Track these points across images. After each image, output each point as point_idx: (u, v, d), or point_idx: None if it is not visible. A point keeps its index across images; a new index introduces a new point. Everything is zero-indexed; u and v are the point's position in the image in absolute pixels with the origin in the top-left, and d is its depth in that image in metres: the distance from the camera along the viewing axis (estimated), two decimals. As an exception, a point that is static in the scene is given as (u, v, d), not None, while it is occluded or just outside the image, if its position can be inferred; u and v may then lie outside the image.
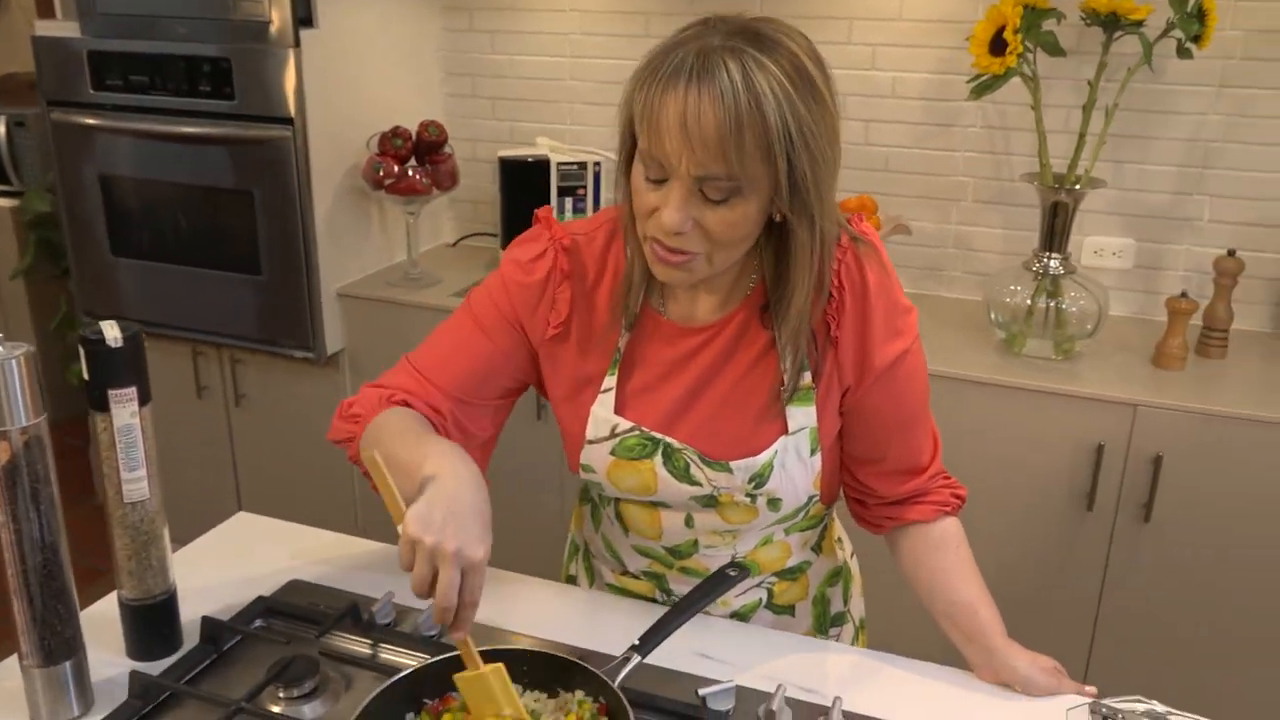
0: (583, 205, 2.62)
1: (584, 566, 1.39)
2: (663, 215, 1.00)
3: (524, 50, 2.76)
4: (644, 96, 0.98)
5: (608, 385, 1.18)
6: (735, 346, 1.15)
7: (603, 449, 1.18)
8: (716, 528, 1.21)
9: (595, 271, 1.18)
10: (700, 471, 1.16)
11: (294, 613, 1.23)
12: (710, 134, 0.94)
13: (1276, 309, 2.33)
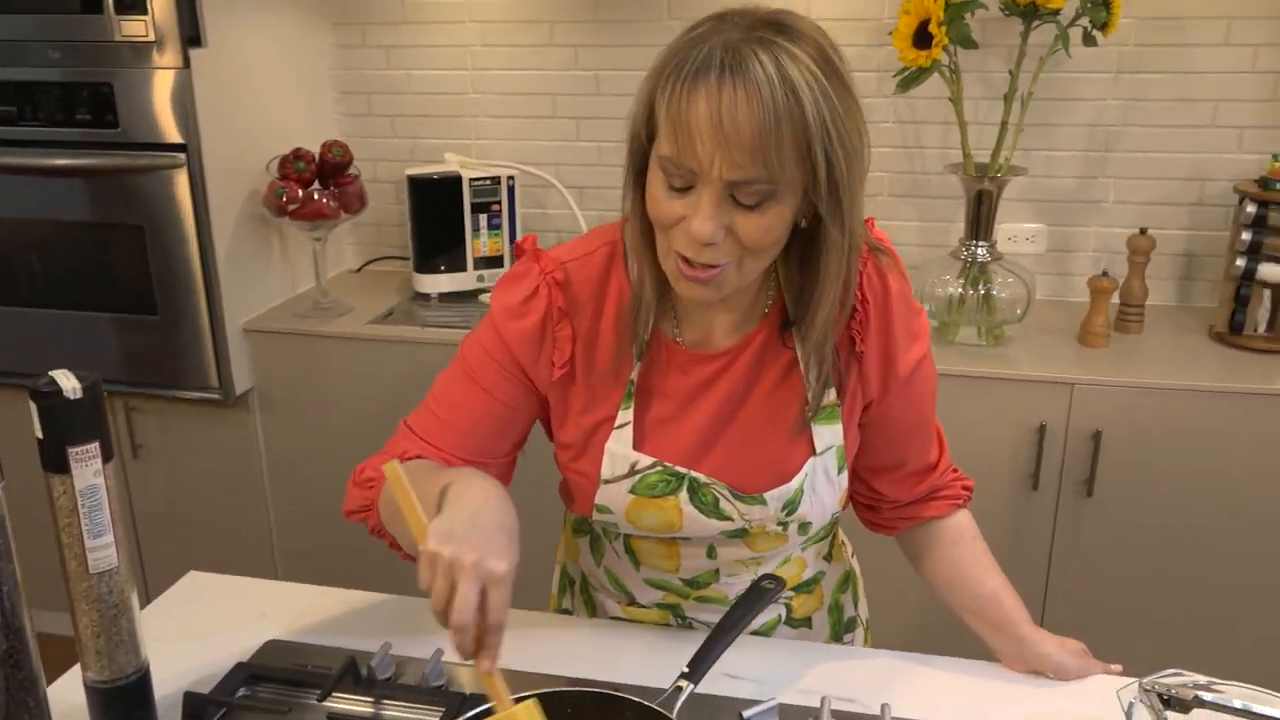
0: (498, 222, 2.54)
1: (582, 600, 1.30)
2: (693, 225, 0.92)
3: (422, 64, 2.66)
4: (668, 96, 0.90)
5: (623, 420, 1.09)
6: (757, 369, 1.09)
7: (621, 488, 1.10)
8: (741, 557, 1.15)
9: (595, 302, 1.09)
10: (731, 506, 1.09)
11: (282, 677, 1.12)
12: (746, 133, 0.87)
13: (1182, 283, 2.43)
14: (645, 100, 0.95)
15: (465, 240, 2.53)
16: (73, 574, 0.99)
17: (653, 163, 0.95)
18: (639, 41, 2.52)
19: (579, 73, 2.57)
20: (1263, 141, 2.29)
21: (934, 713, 1.06)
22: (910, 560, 1.25)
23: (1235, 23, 2.24)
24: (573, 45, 2.56)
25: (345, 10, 2.65)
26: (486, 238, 2.54)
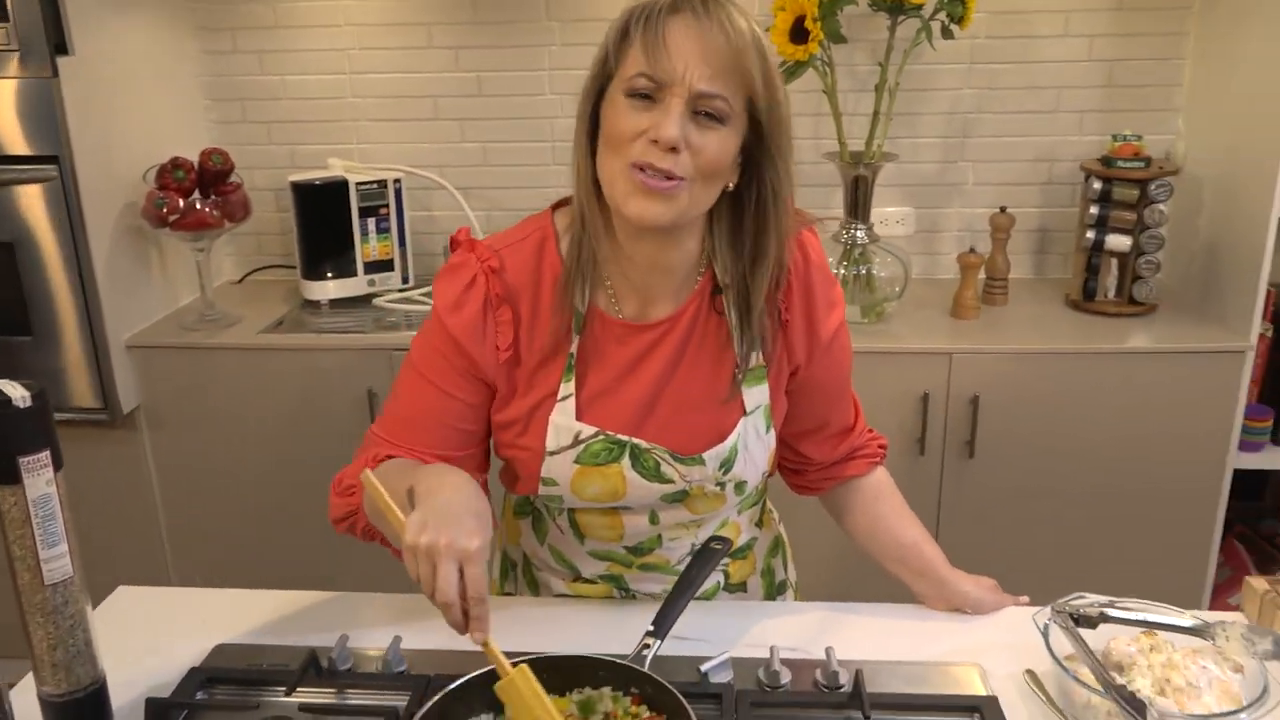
0: (386, 225, 2.53)
1: (525, 582, 1.34)
2: (661, 128, 0.98)
3: (298, 69, 2.62)
4: (644, 23, 1.00)
5: (565, 393, 1.14)
6: (689, 337, 1.15)
7: (565, 458, 1.15)
8: (682, 520, 1.21)
9: (531, 285, 1.14)
10: (672, 469, 1.15)
11: (241, 678, 1.12)
12: (718, 52, 0.98)
13: (1039, 256, 2.63)
14: (598, 60, 1.04)
15: (354, 245, 2.51)
16: (26, 587, 0.97)
17: (613, 94, 1.03)
18: (519, 42, 2.56)
19: (460, 74, 2.59)
20: (1102, 124, 2.50)
21: (872, 652, 1.15)
22: (835, 518, 1.34)
23: (1073, 15, 2.44)
24: (453, 47, 2.57)
25: (212, 16, 2.58)
26: (376, 241, 2.53)
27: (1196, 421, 2.21)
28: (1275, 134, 2.08)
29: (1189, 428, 2.21)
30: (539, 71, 2.58)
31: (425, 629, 1.17)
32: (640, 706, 0.97)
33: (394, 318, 2.45)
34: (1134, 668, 1.05)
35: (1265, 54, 2.13)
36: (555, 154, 2.64)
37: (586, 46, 2.48)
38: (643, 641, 1.04)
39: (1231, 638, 1.07)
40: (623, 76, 1.01)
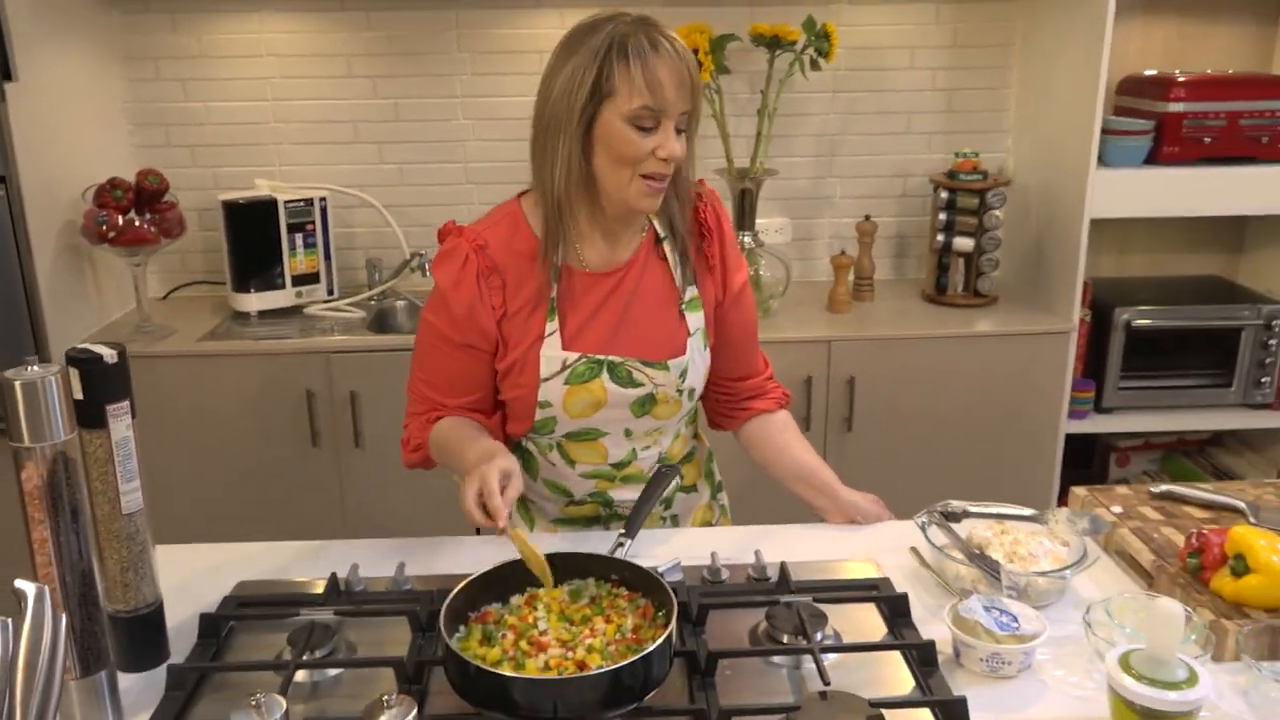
0: (313, 240, 2.71)
1: (521, 516, 1.60)
2: (671, 148, 1.32)
3: (221, 97, 2.79)
4: (639, 63, 1.29)
5: (551, 330, 1.44)
6: (642, 277, 1.47)
7: (557, 381, 1.43)
8: (649, 428, 1.50)
9: (510, 255, 1.43)
10: (642, 374, 1.45)
11: (272, 599, 1.33)
12: (684, 77, 1.31)
13: (897, 259, 3.01)
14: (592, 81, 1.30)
15: (282, 259, 2.68)
16: (104, 518, 1.16)
17: (612, 122, 1.31)
18: (432, 72, 2.79)
19: (379, 101, 2.81)
20: (946, 143, 2.90)
21: (791, 556, 1.43)
22: (748, 450, 1.64)
23: (917, 51, 2.84)
24: (371, 76, 2.79)
25: (137, 46, 2.73)
26: (303, 255, 2.71)
27: (1033, 394, 2.61)
28: (1083, 150, 2.50)
29: (1027, 399, 2.60)
30: (452, 99, 2.82)
31: (418, 561, 1.40)
32: (620, 588, 1.23)
33: (324, 324, 2.64)
34: (990, 546, 1.36)
35: (1072, 84, 2.56)
36: (468, 174, 2.88)
37: (495, 76, 2.78)
38: (617, 541, 1.30)
39: (1060, 521, 1.40)
40: (622, 107, 1.30)
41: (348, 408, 2.49)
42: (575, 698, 1.04)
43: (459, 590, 1.18)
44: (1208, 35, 2.86)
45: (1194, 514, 1.49)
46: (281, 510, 2.53)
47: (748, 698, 1.15)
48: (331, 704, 1.15)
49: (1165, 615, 1.06)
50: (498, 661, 1.10)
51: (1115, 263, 3.03)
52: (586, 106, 1.32)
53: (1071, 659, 1.22)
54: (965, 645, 1.19)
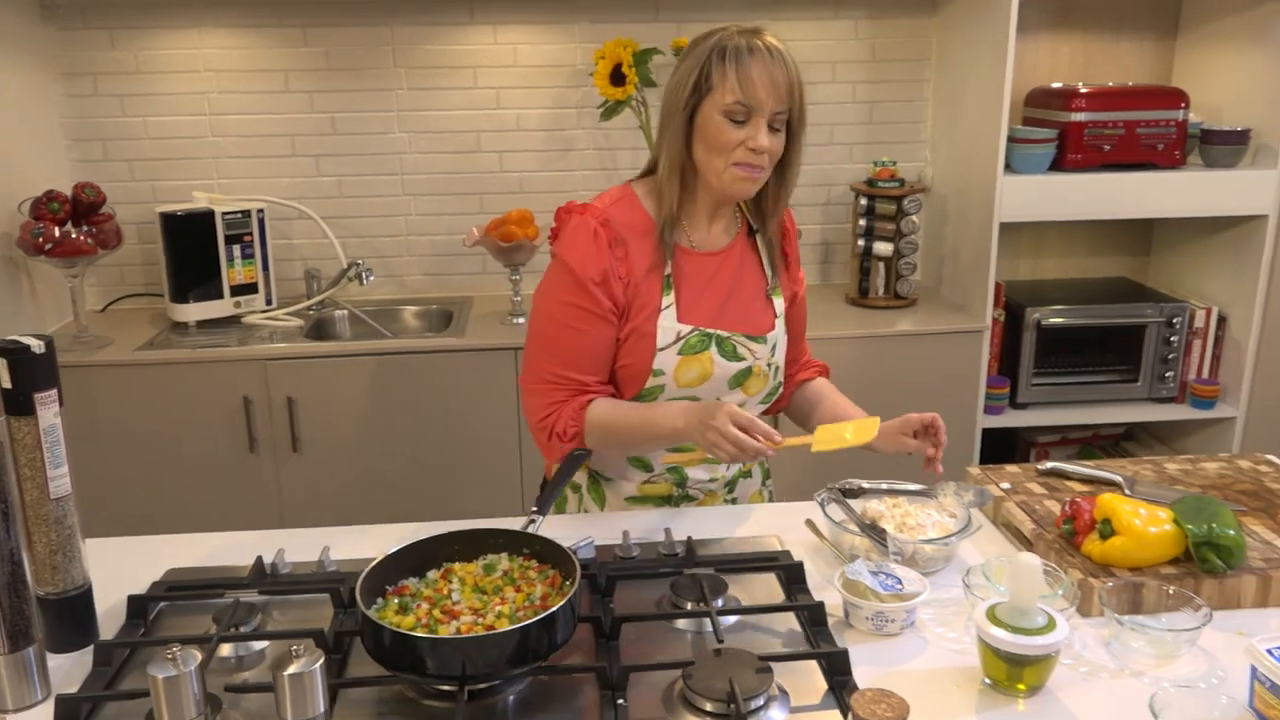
0: (251, 251, 2.76)
1: (593, 496, 1.69)
2: (759, 139, 1.45)
3: (160, 112, 2.84)
4: (734, 64, 1.43)
5: (667, 303, 1.56)
6: (741, 261, 1.62)
7: (671, 351, 1.56)
8: (737, 401, 1.60)
9: (630, 232, 1.55)
10: (745, 349, 1.59)
11: (202, 583, 1.38)
12: (781, 81, 1.45)
13: (823, 265, 3.12)
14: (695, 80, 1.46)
15: (220, 270, 2.73)
16: (33, 502, 1.21)
17: (710, 115, 1.46)
18: (369, 87, 2.87)
19: (316, 115, 2.87)
20: (867, 153, 3.02)
21: (698, 533, 1.51)
22: (794, 416, 1.78)
23: (838, 65, 2.97)
24: (308, 91, 2.85)
25: (75, 62, 2.78)
26: (241, 266, 2.76)
27: (950, 390, 2.72)
28: (992, 158, 2.64)
29: (945, 396, 2.72)
30: (388, 113, 2.89)
31: (344, 547, 1.47)
32: (531, 561, 1.30)
33: (262, 333, 2.69)
34: (883, 518, 1.46)
35: (981, 96, 2.69)
36: (405, 185, 2.95)
37: (431, 90, 2.86)
38: (529, 517, 1.38)
39: (948, 494, 1.50)
40: (719, 101, 1.45)
41: (285, 414, 2.54)
42: (482, 656, 1.10)
43: (377, 564, 1.25)
44: (1111, 50, 3.02)
45: (1075, 488, 1.60)
46: (220, 515, 2.56)
47: (651, 658, 1.22)
48: (255, 676, 1.21)
49: (1025, 568, 1.16)
50: (412, 628, 1.17)
51: (1031, 266, 3.17)
52: (689, 100, 1.48)
53: (952, 618, 1.31)
54: (853, 606, 1.28)
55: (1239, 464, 1.69)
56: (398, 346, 2.61)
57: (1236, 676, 1.18)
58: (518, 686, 1.17)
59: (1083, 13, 2.97)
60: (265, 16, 2.80)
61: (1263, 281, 2.76)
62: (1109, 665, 1.22)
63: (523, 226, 2.64)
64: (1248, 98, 2.76)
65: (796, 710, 1.13)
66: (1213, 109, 2.87)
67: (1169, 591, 1.28)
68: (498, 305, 2.89)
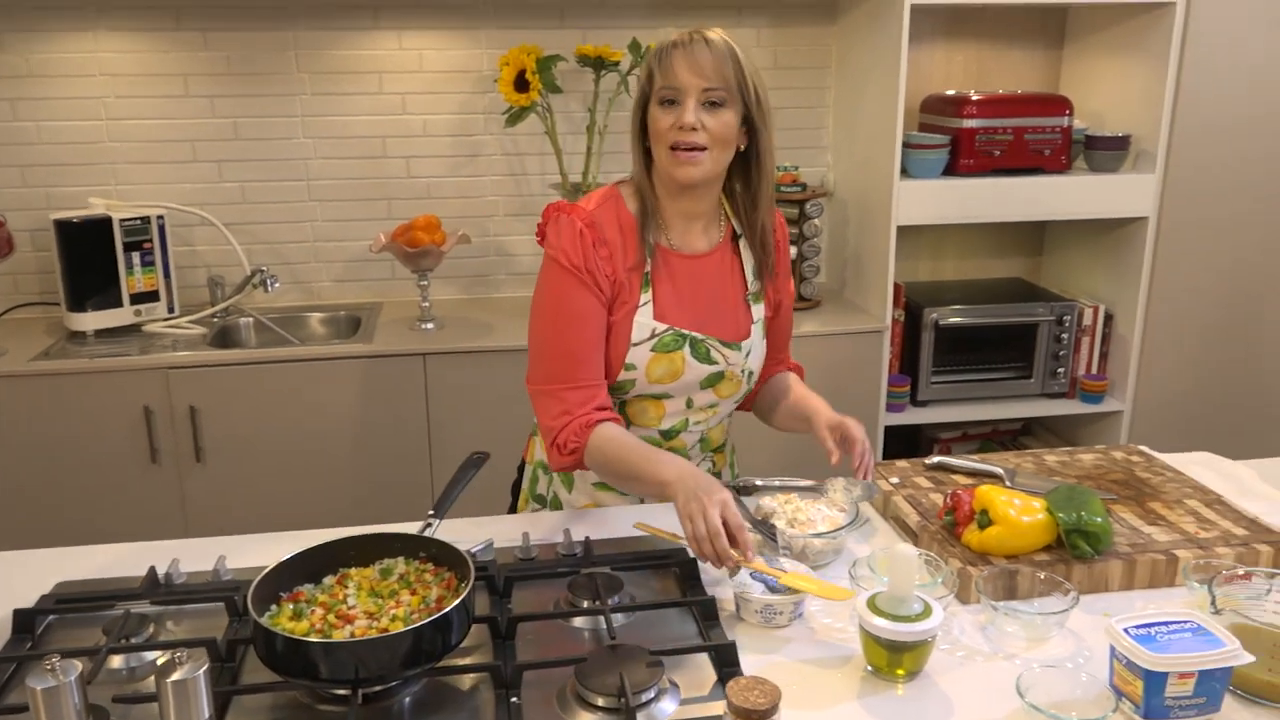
0: (151, 258, 2.72)
1: (562, 478, 1.72)
2: (683, 116, 1.47)
3: (53, 116, 2.77)
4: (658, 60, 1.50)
5: (645, 300, 1.59)
6: (721, 267, 1.65)
7: (644, 348, 1.59)
8: (707, 403, 1.65)
9: (614, 231, 1.58)
10: (719, 353, 1.62)
11: (94, 595, 1.36)
12: (707, 61, 1.48)
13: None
14: (640, 85, 1.54)
15: (119, 278, 2.68)
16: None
17: (652, 109, 1.51)
18: (272, 92, 2.84)
19: (217, 120, 2.83)
20: (771, 159, 3.09)
21: (596, 534, 1.54)
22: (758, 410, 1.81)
23: (741, 72, 3.02)
24: (209, 96, 2.81)
25: (-38, 65, 2.70)
26: (141, 274, 2.71)
27: (854, 389, 2.80)
28: (889, 164, 2.72)
29: (849, 395, 2.79)
30: (292, 118, 2.87)
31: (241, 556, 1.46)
32: (427, 564, 1.32)
33: (164, 342, 2.64)
34: (775, 514, 1.50)
35: (878, 103, 2.77)
36: (311, 191, 2.93)
37: (336, 96, 2.84)
38: (426, 521, 1.39)
39: (837, 490, 1.55)
40: (654, 93, 1.51)
41: (188, 423, 2.50)
42: (374, 659, 1.12)
43: (270, 571, 1.25)
44: (1003, 58, 3.13)
45: (960, 481, 1.66)
46: (122, 528, 2.51)
47: (547, 657, 1.25)
48: (147, 687, 1.20)
49: (901, 558, 1.21)
50: (306, 634, 1.17)
51: (930, 268, 3.27)
52: (639, 104, 1.55)
53: (840, 609, 1.36)
54: (743, 600, 1.32)
55: (1113, 455, 1.78)
56: (304, 354, 2.59)
57: (1101, 656, 1.24)
58: (412, 688, 1.18)
59: (976, 23, 3.08)
60: (164, 20, 2.75)
61: (1144, 280, 2.90)
62: (984, 649, 1.28)
63: (429, 232, 2.64)
64: (1128, 105, 2.90)
65: (686, 702, 1.16)
66: (1096, 116, 3.00)
67: (1041, 577, 1.35)
68: (407, 311, 2.89)
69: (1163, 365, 2.97)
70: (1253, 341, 3.00)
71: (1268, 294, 2.97)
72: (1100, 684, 1.15)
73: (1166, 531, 1.48)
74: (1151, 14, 2.77)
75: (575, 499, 1.72)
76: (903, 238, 2.82)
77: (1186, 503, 1.57)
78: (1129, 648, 1.13)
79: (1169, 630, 1.15)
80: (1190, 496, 1.59)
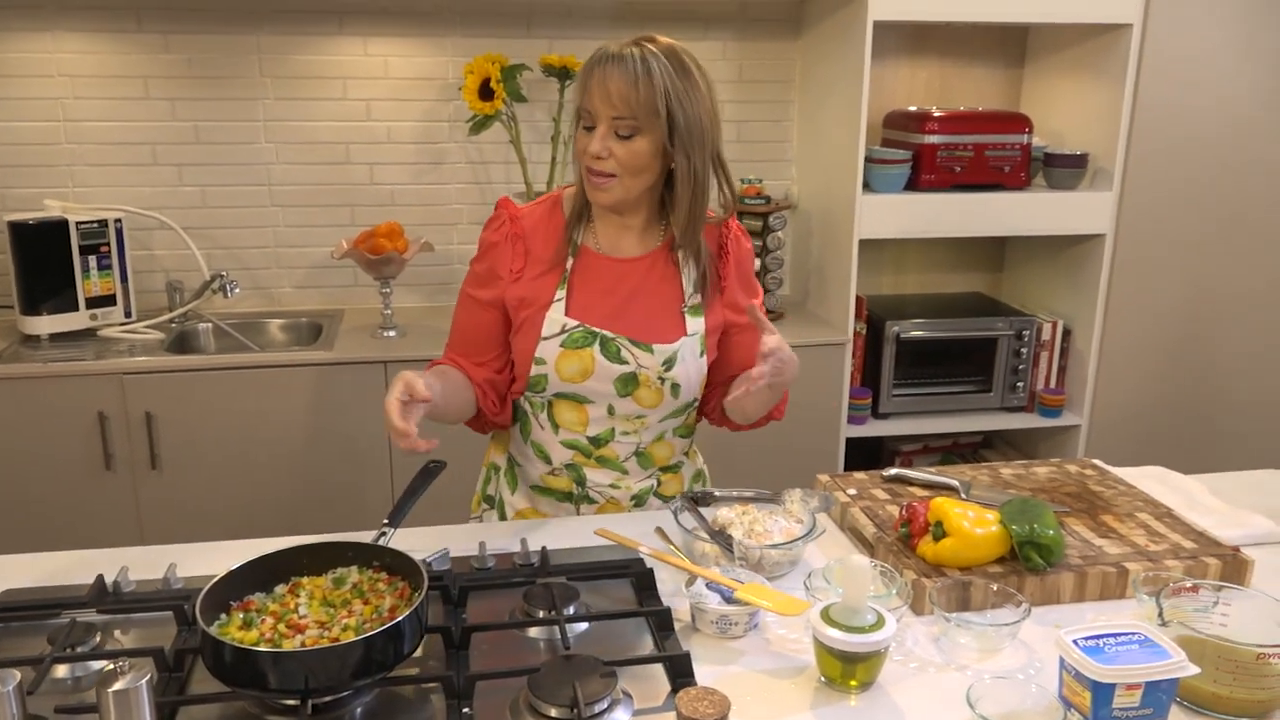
0: (108, 262, 2.68)
1: (508, 479, 1.74)
2: (592, 144, 1.49)
3: (9, 116, 2.73)
4: (583, 76, 1.49)
5: (559, 297, 1.59)
6: (650, 274, 1.62)
7: (554, 343, 1.58)
8: (631, 412, 1.62)
9: (541, 229, 1.62)
10: (629, 353, 1.58)
11: (41, 603, 1.34)
12: (622, 87, 1.45)
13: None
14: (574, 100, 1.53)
15: (75, 282, 2.64)
16: None
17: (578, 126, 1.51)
18: (234, 96, 2.82)
19: (178, 123, 2.81)
20: (738, 171, 3.08)
21: (554, 543, 1.54)
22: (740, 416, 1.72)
23: (707, 85, 3.04)
24: (170, 99, 2.79)
25: (-85, 63, 2.66)
26: (97, 277, 2.68)
27: (816, 401, 2.82)
28: (851, 178, 2.74)
29: (811, 406, 2.80)
30: (254, 122, 2.84)
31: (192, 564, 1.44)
32: (381, 574, 1.31)
33: (120, 347, 2.60)
34: (732, 525, 1.50)
35: (841, 118, 2.80)
36: (273, 196, 2.90)
37: (299, 101, 2.82)
38: (380, 530, 1.38)
39: (794, 501, 1.56)
40: (578, 106, 1.52)
41: (143, 429, 2.47)
42: (324, 669, 1.10)
43: (219, 580, 1.23)
44: (965, 75, 3.17)
45: (917, 493, 1.68)
46: (75, 536, 2.47)
47: (501, 667, 1.24)
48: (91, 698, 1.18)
49: (855, 569, 1.22)
50: (255, 643, 1.16)
51: (893, 281, 3.30)
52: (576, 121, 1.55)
53: (796, 621, 1.36)
54: (699, 610, 1.32)
55: (1067, 468, 1.80)
56: (264, 360, 2.56)
57: (1052, 667, 1.25)
58: (364, 699, 1.17)
59: (939, 40, 3.12)
60: (124, 21, 2.72)
61: (1102, 296, 2.94)
62: (936, 660, 1.29)
63: (392, 239, 2.63)
64: (1087, 124, 2.94)
65: (640, 713, 1.16)
66: (1055, 133, 3.05)
67: (993, 589, 1.36)
68: (369, 318, 2.87)
69: (1119, 380, 3.01)
70: (1207, 358, 3.05)
71: (1223, 311, 3.02)
72: (1050, 695, 1.16)
73: (1117, 544, 1.50)
74: (1109, 35, 2.82)
75: (516, 501, 1.74)
76: (865, 251, 2.84)
77: (1138, 516, 1.59)
78: (1077, 659, 1.14)
79: (1117, 642, 1.16)
80: (1141, 510, 1.62)
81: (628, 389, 1.61)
